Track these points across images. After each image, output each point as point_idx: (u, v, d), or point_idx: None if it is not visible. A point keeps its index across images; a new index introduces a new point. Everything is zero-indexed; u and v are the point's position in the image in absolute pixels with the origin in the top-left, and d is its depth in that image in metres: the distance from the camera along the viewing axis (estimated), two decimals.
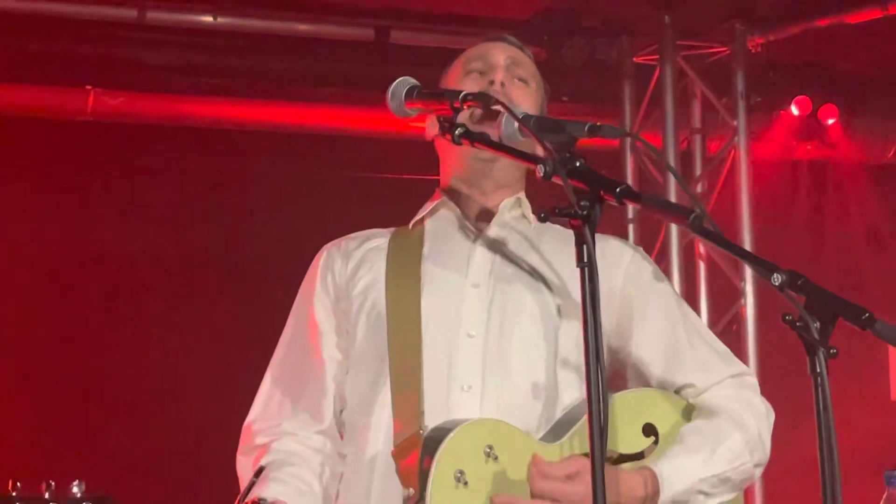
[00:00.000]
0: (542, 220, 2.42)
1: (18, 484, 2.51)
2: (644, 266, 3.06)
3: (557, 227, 3.07)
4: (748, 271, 7.34)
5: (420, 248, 3.01)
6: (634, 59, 7.64)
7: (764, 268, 2.49)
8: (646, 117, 7.59)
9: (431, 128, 3.05)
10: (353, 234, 3.14)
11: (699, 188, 7.54)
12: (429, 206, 3.09)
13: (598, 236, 2.41)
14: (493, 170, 3.02)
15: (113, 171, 7.26)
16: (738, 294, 7.38)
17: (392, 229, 3.13)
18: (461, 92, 2.71)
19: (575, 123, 2.60)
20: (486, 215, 3.05)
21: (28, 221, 7.10)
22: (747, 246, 7.42)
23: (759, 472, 2.96)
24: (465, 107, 2.70)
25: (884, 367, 8.99)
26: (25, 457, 6.55)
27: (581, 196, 2.35)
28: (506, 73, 3.03)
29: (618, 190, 2.35)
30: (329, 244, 3.13)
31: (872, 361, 8.40)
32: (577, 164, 2.47)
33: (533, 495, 2.69)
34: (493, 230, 3.02)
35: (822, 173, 8.49)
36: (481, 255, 2.99)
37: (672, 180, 7.23)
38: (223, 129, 7.32)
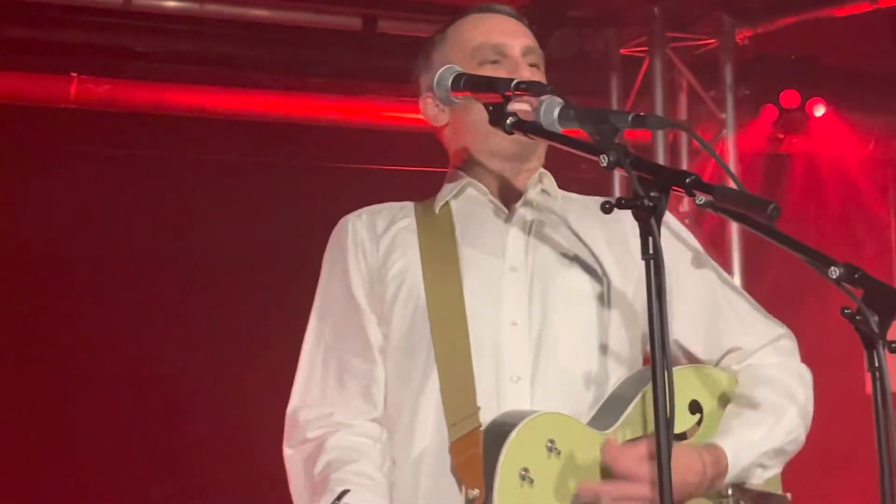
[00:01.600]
0: (606, 210, 2.36)
1: None
2: (677, 233, 3.03)
3: (575, 196, 3.07)
4: (737, 262, 7.34)
5: (451, 230, 2.92)
6: (622, 50, 7.62)
7: (820, 261, 2.48)
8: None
9: (434, 116, 2.99)
10: (375, 209, 3.01)
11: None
12: (453, 189, 2.99)
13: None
14: (533, 154, 2.97)
15: (96, 159, 7.15)
16: None
17: (412, 205, 3.02)
18: (513, 80, 2.64)
19: (618, 113, 2.55)
20: (514, 194, 2.98)
21: (8, 208, 7.00)
22: (735, 240, 7.42)
23: (804, 438, 2.96)
24: (517, 95, 2.63)
25: None
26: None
27: (648, 187, 2.31)
28: (527, 68, 2.97)
29: (687, 181, 2.31)
30: (351, 216, 3.00)
31: None
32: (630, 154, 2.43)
33: (614, 476, 2.64)
34: (522, 209, 2.95)
35: (809, 166, 8.50)
36: (515, 235, 2.91)
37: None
38: (208, 118, 7.23)
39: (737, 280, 7.34)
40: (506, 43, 2.99)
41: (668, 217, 3.00)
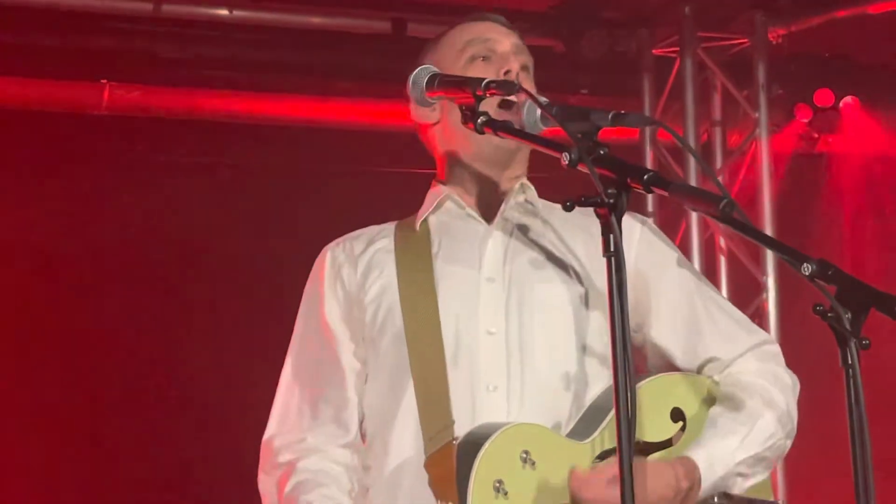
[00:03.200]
0: (567, 208, 2.36)
1: None
2: (655, 238, 3.01)
3: (558, 206, 3.04)
4: (770, 265, 7.28)
5: (428, 246, 2.93)
6: (654, 51, 7.58)
7: (793, 257, 2.45)
8: (665, 110, 7.52)
9: (425, 114, 2.99)
10: (354, 234, 3.05)
11: (720, 179, 7.47)
12: (433, 202, 3.00)
13: None
14: (513, 159, 2.96)
15: (129, 166, 7.22)
16: (760, 288, 7.31)
17: (393, 225, 3.04)
18: (484, 79, 2.64)
19: (598, 112, 2.54)
20: (494, 204, 2.98)
21: (43, 216, 7.07)
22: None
23: (789, 444, 2.94)
24: (487, 94, 2.63)
25: None
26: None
27: (607, 184, 2.30)
28: (516, 62, 2.96)
29: (645, 177, 2.30)
30: (331, 245, 3.04)
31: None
32: (602, 151, 2.42)
33: None
34: (501, 219, 2.95)
35: (843, 166, 8.42)
36: (493, 246, 2.92)
37: (693, 173, 7.18)
38: (239, 123, 7.28)
39: (770, 280, 7.30)
40: (495, 39, 2.99)
41: (649, 223, 3.05)
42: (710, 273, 7.33)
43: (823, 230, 8.27)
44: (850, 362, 2.34)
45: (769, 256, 7.29)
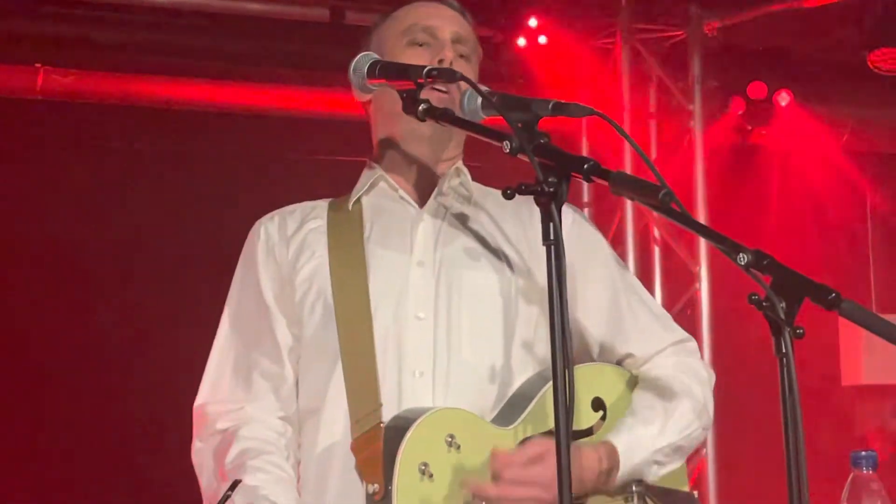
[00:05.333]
0: (507, 196, 2.35)
1: None
2: (585, 229, 3.03)
3: (494, 192, 3.04)
4: (703, 255, 7.35)
5: (360, 228, 2.93)
6: (591, 42, 7.62)
7: (729, 247, 2.47)
8: (602, 101, 7.55)
9: (359, 93, 2.95)
10: (288, 210, 3.03)
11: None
12: (366, 182, 2.98)
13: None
14: (447, 143, 2.96)
15: (62, 150, 7.15)
16: (693, 278, 7.38)
17: (326, 203, 3.02)
18: (425, 67, 2.64)
19: (539, 101, 2.54)
20: (427, 187, 2.98)
21: None
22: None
23: (705, 434, 3.00)
24: (428, 82, 2.63)
25: (835, 353, 9.05)
26: None
27: (548, 173, 2.31)
28: (451, 50, 2.94)
29: (585, 167, 2.31)
30: (264, 220, 3.01)
31: (823, 348, 8.46)
32: (542, 141, 2.43)
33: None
34: (434, 202, 2.95)
35: (776, 158, 8.52)
36: (424, 229, 2.92)
37: (627, 163, 7.24)
38: (174, 110, 7.23)
39: (703, 271, 7.37)
40: (436, 26, 2.98)
41: (580, 213, 3.06)
42: (644, 263, 7.40)
43: (755, 221, 8.36)
44: (783, 351, 2.36)
45: (702, 247, 7.37)
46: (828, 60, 7.98)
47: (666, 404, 2.89)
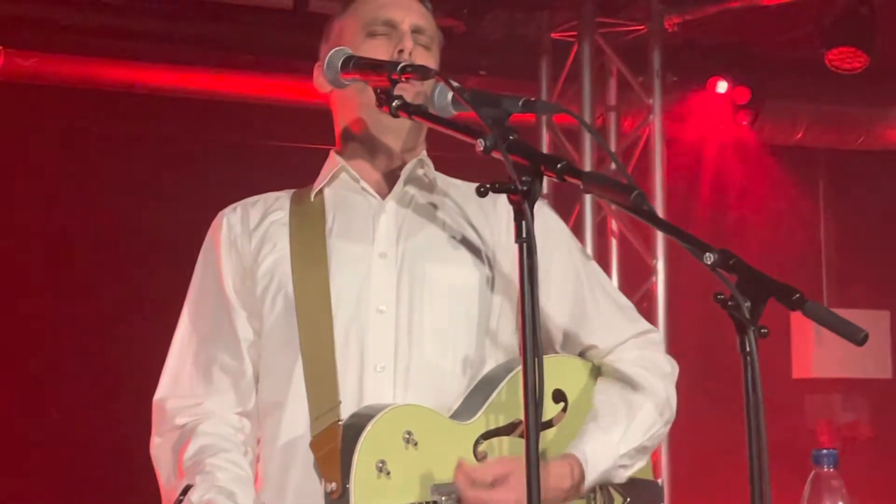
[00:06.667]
0: (481, 194, 2.37)
1: None
2: (548, 218, 3.03)
3: (458, 183, 3.06)
4: (660, 249, 7.40)
5: (323, 220, 2.92)
6: (553, 34, 7.66)
7: (696, 246, 2.51)
8: (562, 94, 7.61)
9: (321, 83, 2.96)
10: (251, 201, 3.01)
11: (612, 166, 7.58)
12: (327, 174, 2.98)
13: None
14: (410, 134, 2.96)
15: (23, 133, 7.12)
16: (650, 271, 7.44)
17: (288, 194, 3.01)
18: (399, 63, 2.67)
19: (509, 98, 2.57)
20: (390, 179, 2.97)
21: None
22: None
23: (667, 430, 3.01)
24: (403, 78, 2.65)
25: (786, 347, 9.14)
26: None
27: (521, 171, 2.34)
28: (411, 40, 2.94)
29: (559, 166, 2.35)
30: (227, 211, 3.00)
31: (774, 341, 8.53)
32: (511, 137, 2.45)
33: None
34: (396, 194, 2.95)
35: (733, 154, 8.59)
36: (386, 221, 2.91)
37: (587, 158, 7.30)
38: (136, 94, 7.21)
39: (660, 264, 7.42)
40: (395, 18, 2.97)
41: (546, 208, 3.05)
42: (601, 255, 7.45)
43: (711, 216, 8.43)
44: (748, 349, 2.40)
45: (659, 241, 7.42)
46: (786, 57, 8.05)
47: (628, 406, 2.90)
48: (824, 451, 2.53)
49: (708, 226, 8.17)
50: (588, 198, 7.37)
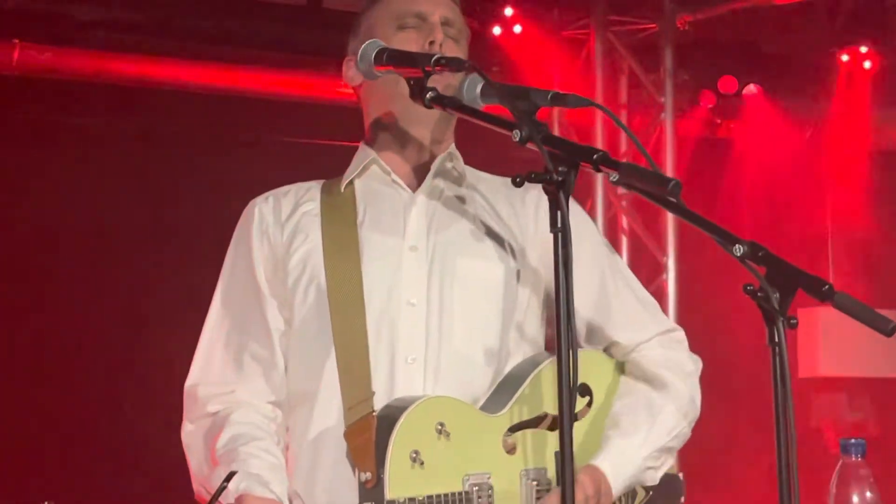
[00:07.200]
0: (517, 184, 2.39)
1: None
2: (575, 211, 2.92)
3: (487, 176, 3.06)
4: (671, 246, 7.42)
5: (354, 212, 2.92)
6: (564, 32, 7.68)
7: (726, 239, 2.53)
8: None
9: (350, 76, 2.98)
10: (282, 191, 3.01)
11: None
12: (358, 165, 2.98)
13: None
14: (440, 127, 2.96)
15: (38, 127, 7.14)
16: (661, 269, 7.46)
17: (319, 185, 3.01)
18: (433, 55, 2.68)
19: (538, 91, 2.58)
20: (419, 171, 2.98)
21: None
22: (669, 223, 7.53)
23: (692, 427, 3.01)
24: (436, 70, 2.66)
25: (792, 346, 9.13)
26: None
27: (558, 162, 2.36)
28: (441, 32, 2.95)
29: (595, 157, 2.37)
30: (259, 200, 3.00)
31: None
32: (543, 129, 2.47)
33: None
34: (426, 187, 2.95)
35: (746, 152, 8.60)
36: (417, 214, 2.92)
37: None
38: (150, 89, 7.23)
39: (671, 261, 7.45)
40: (425, 11, 2.98)
41: (572, 202, 3.04)
42: None
43: (723, 214, 8.44)
44: (777, 340, 2.42)
45: (670, 237, 7.45)
46: (797, 56, 8.07)
47: (649, 409, 2.91)
48: (852, 441, 2.55)
49: (719, 222, 8.17)
50: (599, 194, 7.40)
